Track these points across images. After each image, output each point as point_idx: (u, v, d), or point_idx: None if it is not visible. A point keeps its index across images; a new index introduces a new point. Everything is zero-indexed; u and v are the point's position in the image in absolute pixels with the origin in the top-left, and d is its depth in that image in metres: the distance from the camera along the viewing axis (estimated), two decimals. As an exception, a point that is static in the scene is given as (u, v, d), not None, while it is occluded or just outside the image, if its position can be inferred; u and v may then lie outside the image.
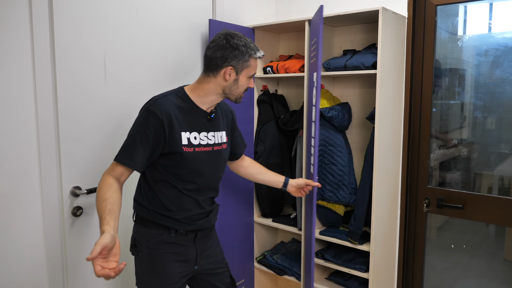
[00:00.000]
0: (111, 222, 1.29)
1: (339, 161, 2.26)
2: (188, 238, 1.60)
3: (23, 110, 1.57)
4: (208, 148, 1.57)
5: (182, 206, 1.56)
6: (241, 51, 1.50)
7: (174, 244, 1.58)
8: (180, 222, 1.56)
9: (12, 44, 1.52)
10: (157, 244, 1.56)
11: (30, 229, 1.62)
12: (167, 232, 1.56)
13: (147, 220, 1.57)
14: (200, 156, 1.55)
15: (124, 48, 1.89)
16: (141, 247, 1.57)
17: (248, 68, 1.53)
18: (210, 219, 1.67)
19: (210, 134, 1.58)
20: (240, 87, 1.55)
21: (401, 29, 2.13)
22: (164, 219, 1.55)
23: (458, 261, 2.25)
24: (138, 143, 1.45)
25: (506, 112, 2.02)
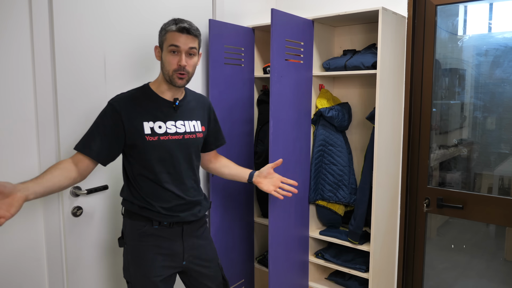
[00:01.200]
0: (27, 181, 1.32)
1: (339, 161, 2.26)
2: (174, 232, 1.62)
3: (23, 110, 1.57)
4: (177, 136, 1.60)
5: (160, 198, 1.58)
6: (161, 28, 1.58)
7: (158, 237, 1.60)
8: (161, 214, 1.58)
9: (12, 44, 1.52)
10: (141, 236, 1.59)
11: (30, 229, 1.62)
12: (150, 223, 1.59)
13: (132, 212, 1.61)
14: (167, 144, 1.57)
15: (124, 48, 1.89)
16: (127, 238, 1.62)
17: (166, 41, 1.54)
18: (195, 212, 1.66)
19: (178, 122, 1.61)
20: (166, 63, 1.55)
21: (401, 29, 2.14)
22: (145, 211, 1.58)
23: (458, 261, 2.25)
24: (95, 133, 1.52)
25: (506, 112, 2.02)
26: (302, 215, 2.29)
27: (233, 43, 2.29)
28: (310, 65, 2.25)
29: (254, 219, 2.61)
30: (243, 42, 2.38)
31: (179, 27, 1.52)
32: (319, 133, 2.28)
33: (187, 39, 1.53)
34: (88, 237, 1.82)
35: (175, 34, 1.52)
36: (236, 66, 2.35)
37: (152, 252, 1.59)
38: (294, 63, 2.13)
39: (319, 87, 2.35)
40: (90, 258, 1.84)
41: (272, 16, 1.95)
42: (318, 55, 2.31)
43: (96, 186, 1.81)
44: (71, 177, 1.45)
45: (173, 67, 1.54)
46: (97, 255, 1.87)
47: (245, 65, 2.41)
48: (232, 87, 2.33)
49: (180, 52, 1.53)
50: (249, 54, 2.43)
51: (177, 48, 1.52)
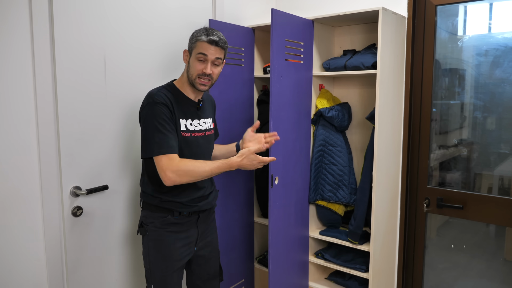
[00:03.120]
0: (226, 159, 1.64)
1: (339, 161, 2.26)
2: (191, 220, 1.75)
3: (23, 110, 1.57)
4: (201, 133, 1.75)
5: (185, 190, 1.69)
6: (193, 35, 1.70)
7: (177, 225, 1.72)
8: (183, 204, 1.70)
9: (12, 44, 1.52)
10: (162, 224, 1.70)
11: (30, 229, 1.62)
12: (171, 214, 1.70)
13: (152, 205, 1.71)
14: (197, 140, 1.72)
15: (124, 48, 1.89)
16: (147, 226, 1.72)
17: (195, 49, 1.66)
18: (210, 200, 1.81)
19: (201, 121, 1.76)
20: (191, 68, 1.67)
21: (401, 29, 2.14)
22: (168, 203, 1.69)
23: (458, 261, 2.25)
24: (165, 131, 1.59)
25: (506, 112, 2.02)
26: (302, 215, 2.29)
27: (233, 43, 2.29)
28: (310, 65, 2.25)
29: (254, 219, 2.61)
30: (243, 42, 2.38)
31: (209, 39, 1.64)
32: (319, 133, 2.28)
33: (216, 51, 1.66)
34: (88, 237, 1.82)
35: (204, 44, 1.65)
36: (236, 66, 2.35)
37: (172, 237, 1.71)
38: (294, 63, 2.13)
39: (319, 87, 2.35)
40: (90, 258, 1.84)
41: (272, 16, 1.95)
42: (318, 55, 2.31)
43: (96, 186, 1.81)
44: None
45: (198, 72, 1.66)
46: (97, 255, 1.87)
47: (245, 65, 2.41)
48: (232, 87, 2.33)
49: (207, 61, 1.66)
50: (249, 54, 2.43)
51: (205, 57, 1.65)
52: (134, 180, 1.99)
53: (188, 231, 1.75)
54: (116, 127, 1.89)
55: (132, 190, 1.99)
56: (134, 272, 2.04)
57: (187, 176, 1.58)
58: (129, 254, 2.01)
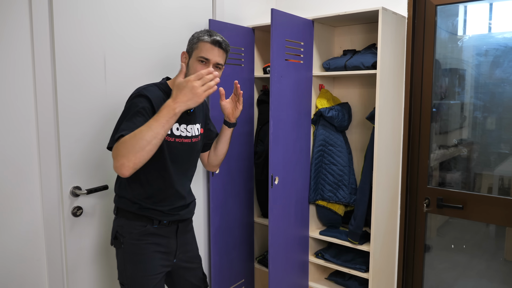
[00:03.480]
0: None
1: (339, 161, 2.26)
2: (171, 230, 1.65)
3: (23, 110, 1.57)
4: (187, 140, 1.63)
5: (167, 198, 1.60)
6: (193, 36, 1.59)
7: (156, 236, 1.61)
8: (164, 213, 1.60)
9: (12, 44, 1.52)
10: (140, 235, 1.58)
11: (30, 229, 1.62)
12: (151, 223, 1.59)
13: (130, 212, 1.58)
14: (181, 146, 1.60)
15: (124, 48, 1.89)
16: (124, 238, 1.58)
17: (196, 50, 1.55)
18: (190, 209, 1.73)
19: (189, 127, 1.64)
20: (192, 70, 1.54)
21: (401, 29, 2.14)
22: (148, 211, 1.58)
23: (458, 261, 2.25)
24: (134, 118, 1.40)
25: (506, 112, 2.02)
26: (302, 215, 2.29)
27: (233, 43, 2.29)
28: (310, 65, 2.25)
29: (254, 219, 2.61)
30: (243, 42, 2.38)
31: (213, 40, 1.54)
32: (319, 133, 2.28)
33: (219, 53, 1.56)
34: (88, 237, 1.82)
35: (207, 45, 1.54)
36: (236, 66, 2.35)
37: (151, 250, 1.59)
38: (294, 63, 2.13)
39: (319, 87, 2.35)
40: (90, 258, 1.84)
41: (272, 16, 1.95)
42: (318, 55, 2.31)
43: (96, 186, 1.81)
44: None
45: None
46: (97, 255, 1.87)
47: (245, 65, 2.41)
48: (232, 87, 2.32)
49: (209, 64, 1.54)
50: (249, 54, 2.43)
51: (207, 60, 1.54)
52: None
53: (167, 243, 1.64)
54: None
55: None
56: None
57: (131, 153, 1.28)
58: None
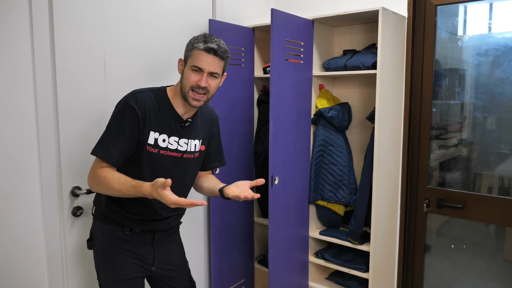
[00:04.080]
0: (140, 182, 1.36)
1: (339, 161, 2.26)
2: (145, 238, 1.57)
3: (23, 110, 1.57)
4: (176, 153, 1.52)
5: (138, 208, 1.52)
6: (189, 42, 1.49)
7: (129, 242, 1.56)
8: (134, 221, 1.54)
9: (12, 44, 1.52)
10: (111, 239, 1.54)
11: (30, 229, 1.62)
12: (121, 229, 1.54)
13: (103, 215, 1.56)
14: (165, 160, 1.50)
15: (124, 48, 1.89)
16: (96, 241, 1.57)
17: (191, 58, 1.46)
18: (170, 221, 1.62)
19: (182, 140, 1.53)
20: (185, 78, 1.46)
21: (401, 29, 2.14)
22: (118, 216, 1.53)
23: (458, 261, 2.25)
24: (115, 137, 1.42)
25: (506, 112, 2.02)
26: (302, 215, 2.29)
27: (233, 43, 2.29)
28: (310, 65, 2.25)
29: (254, 219, 2.61)
30: (243, 42, 2.38)
31: (206, 47, 1.42)
32: (319, 133, 2.28)
33: (213, 61, 1.44)
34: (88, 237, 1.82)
35: (201, 53, 1.43)
36: (236, 66, 2.35)
37: (122, 255, 1.54)
38: (294, 63, 2.13)
39: (319, 87, 2.35)
40: (90, 258, 1.83)
41: (272, 16, 1.95)
42: (318, 55, 2.31)
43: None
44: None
45: (191, 84, 1.45)
46: (97, 255, 1.87)
47: (245, 65, 2.41)
48: (232, 87, 2.33)
49: (203, 72, 1.44)
50: (249, 54, 2.43)
51: (200, 70, 1.45)
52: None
53: (142, 251, 1.57)
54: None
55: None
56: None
57: (98, 186, 1.42)
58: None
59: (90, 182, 1.45)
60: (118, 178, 1.38)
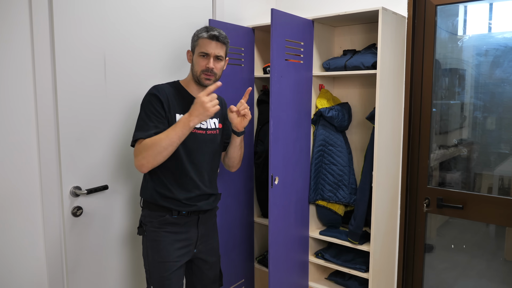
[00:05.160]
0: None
1: (339, 161, 2.26)
2: (191, 220, 1.74)
3: (23, 110, 1.57)
4: (201, 131, 1.73)
5: (183, 186, 1.70)
6: (194, 34, 1.75)
7: (176, 225, 1.71)
8: (181, 202, 1.69)
9: (12, 44, 1.52)
10: (160, 223, 1.70)
11: (30, 229, 1.62)
12: (170, 213, 1.69)
13: (151, 203, 1.71)
14: (194, 137, 1.70)
15: (124, 48, 1.89)
16: (146, 226, 1.72)
17: (197, 46, 1.72)
18: (211, 202, 1.79)
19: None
20: (195, 65, 1.72)
21: (401, 29, 2.14)
22: (166, 201, 1.69)
23: (458, 261, 2.25)
24: (148, 120, 1.62)
25: (506, 112, 2.02)
26: (302, 215, 2.29)
27: (233, 43, 2.29)
28: (310, 65, 2.25)
29: (254, 219, 2.61)
30: (243, 42, 2.38)
31: (210, 35, 1.69)
32: (319, 133, 2.28)
33: (217, 46, 1.70)
34: (88, 237, 1.82)
35: (205, 40, 1.70)
36: (236, 66, 2.35)
37: (170, 238, 1.70)
38: (294, 63, 2.13)
39: (319, 87, 2.35)
40: (90, 258, 1.84)
41: (272, 16, 1.95)
42: (318, 55, 2.31)
43: (96, 186, 1.81)
44: None
45: (201, 68, 1.70)
46: (97, 255, 1.87)
47: (245, 65, 2.41)
48: (232, 87, 2.33)
49: (209, 57, 1.70)
50: (249, 54, 2.43)
51: (207, 54, 1.70)
52: (134, 180, 1.99)
53: (187, 232, 1.74)
54: (116, 127, 1.89)
55: (132, 190, 1.99)
56: (134, 272, 2.04)
57: (148, 153, 1.55)
58: (129, 254, 2.01)
59: (139, 159, 1.57)
60: (159, 135, 1.56)
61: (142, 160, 1.57)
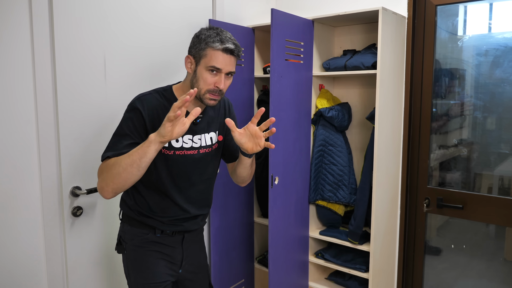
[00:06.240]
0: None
1: (339, 161, 2.26)
2: (175, 240, 1.56)
3: (23, 110, 1.57)
4: (192, 151, 1.48)
5: (166, 210, 1.51)
6: (200, 39, 1.41)
7: (160, 244, 1.54)
8: (164, 223, 1.52)
9: (12, 44, 1.52)
10: (142, 242, 1.52)
11: (30, 229, 1.62)
12: (153, 232, 1.52)
13: (133, 219, 1.53)
14: (182, 159, 1.47)
15: (124, 48, 1.89)
16: (126, 244, 1.54)
17: (205, 58, 1.38)
18: (198, 221, 1.61)
19: (195, 137, 1.49)
20: (200, 81, 1.39)
21: (401, 29, 2.14)
22: (149, 220, 1.51)
23: (458, 261, 2.25)
24: (121, 138, 1.37)
25: (506, 112, 2.02)
26: (302, 215, 2.29)
27: (233, 43, 2.29)
28: (310, 65, 2.25)
29: (254, 219, 2.61)
30: (243, 42, 2.38)
31: (225, 48, 1.37)
32: (319, 133, 2.28)
33: (230, 60, 1.41)
34: (88, 237, 1.82)
35: (218, 53, 1.38)
36: (236, 66, 2.34)
37: (154, 257, 1.52)
38: (294, 63, 2.13)
39: (319, 87, 2.35)
40: (90, 258, 1.84)
41: (272, 16, 1.95)
42: (318, 55, 2.31)
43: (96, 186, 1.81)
44: None
45: (209, 87, 1.39)
46: (97, 255, 1.87)
47: (245, 65, 2.41)
48: (232, 87, 2.32)
49: (220, 73, 1.40)
50: (249, 54, 2.43)
51: (218, 70, 1.39)
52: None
53: (172, 252, 1.55)
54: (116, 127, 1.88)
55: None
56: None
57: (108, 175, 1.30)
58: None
59: (99, 181, 1.34)
60: (123, 155, 1.30)
61: (101, 183, 1.33)
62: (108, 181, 1.31)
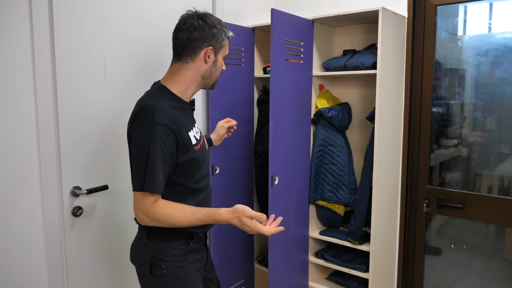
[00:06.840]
0: (213, 210, 1.34)
1: (339, 161, 2.26)
2: (202, 241, 1.54)
3: (23, 110, 1.57)
4: (201, 143, 1.50)
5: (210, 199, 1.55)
6: (218, 30, 1.42)
7: (195, 252, 1.48)
8: (199, 226, 1.43)
9: (12, 44, 1.52)
10: (184, 255, 1.43)
11: (30, 229, 1.62)
12: (191, 239, 1.46)
13: (169, 231, 1.40)
14: (202, 150, 1.50)
15: (124, 48, 1.89)
16: (166, 263, 1.39)
17: (224, 47, 1.45)
18: None
19: (195, 129, 1.50)
20: (218, 69, 1.46)
21: (401, 29, 2.14)
22: (186, 228, 1.42)
23: (458, 261, 2.25)
24: (158, 164, 1.29)
25: (506, 112, 2.02)
26: (302, 215, 2.29)
27: (233, 43, 2.29)
28: (310, 65, 2.25)
29: (254, 219, 2.61)
30: (243, 42, 2.38)
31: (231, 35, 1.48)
32: (319, 133, 2.28)
33: None
34: (88, 237, 1.82)
35: (227, 42, 1.48)
36: (236, 66, 2.35)
37: (193, 270, 1.45)
38: (294, 63, 2.13)
39: (319, 87, 2.35)
40: (90, 258, 1.84)
41: (272, 16, 1.95)
42: (318, 55, 2.31)
43: (96, 186, 1.81)
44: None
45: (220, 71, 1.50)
46: (97, 255, 1.87)
47: (245, 65, 2.41)
48: (232, 87, 2.33)
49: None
50: (249, 54, 2.43)
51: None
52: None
53: (202, 257, 1.52)
54: (116, 127, 1.89)
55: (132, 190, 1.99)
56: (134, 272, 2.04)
57: (159, 223, 1.32)
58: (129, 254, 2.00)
59: (147, 220, 1.31)
60: (183, 211, 1.31)
61: (147, 222, 1.32)
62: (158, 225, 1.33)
